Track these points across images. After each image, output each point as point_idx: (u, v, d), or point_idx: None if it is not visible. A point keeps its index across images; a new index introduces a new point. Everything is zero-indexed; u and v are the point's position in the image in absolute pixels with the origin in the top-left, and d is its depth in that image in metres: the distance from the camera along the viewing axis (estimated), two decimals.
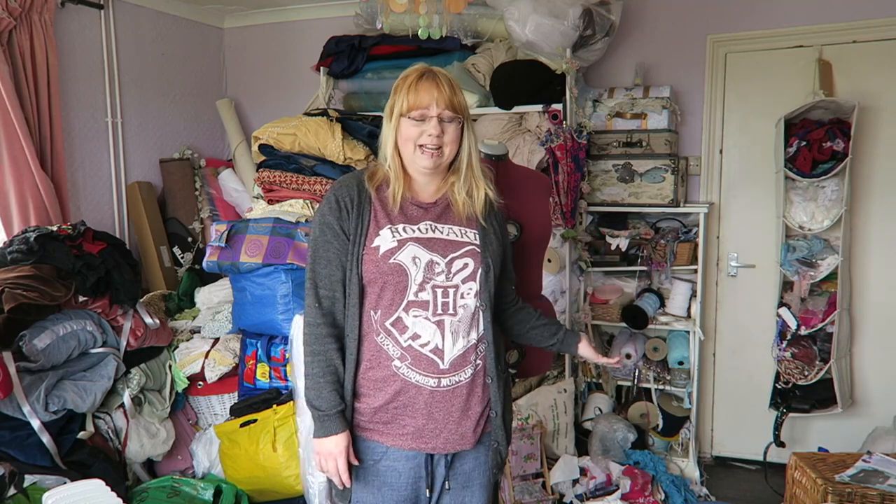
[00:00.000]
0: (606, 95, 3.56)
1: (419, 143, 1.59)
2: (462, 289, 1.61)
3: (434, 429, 1.61)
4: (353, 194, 1.64)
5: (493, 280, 1.65)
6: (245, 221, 3.11)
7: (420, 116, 1.57)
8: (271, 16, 4.27)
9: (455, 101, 1.59)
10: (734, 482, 3.57)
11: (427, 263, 1.59)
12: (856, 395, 3.54)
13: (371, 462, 1.65)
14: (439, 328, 1.59)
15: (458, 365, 1.61)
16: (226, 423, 2.96)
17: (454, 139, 1.61)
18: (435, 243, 1.61)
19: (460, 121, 1.61)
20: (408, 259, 1.58)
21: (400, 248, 1.59)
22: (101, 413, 2.86)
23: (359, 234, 1.61)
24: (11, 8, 2.95)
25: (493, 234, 1.69)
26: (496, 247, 1.68)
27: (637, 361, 3.60)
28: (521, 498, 3.09)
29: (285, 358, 2.99)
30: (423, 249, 1.59)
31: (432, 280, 1.59)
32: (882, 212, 3.43)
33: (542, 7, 3.21)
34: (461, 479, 1.71)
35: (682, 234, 3.55)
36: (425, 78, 1.59)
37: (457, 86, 1.62)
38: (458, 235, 1.65)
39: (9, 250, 2.71)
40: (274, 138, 3.26)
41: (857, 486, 2.34)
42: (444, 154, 1.60)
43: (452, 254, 1.62)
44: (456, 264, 1.61)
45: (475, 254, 1.63)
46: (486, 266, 1.63)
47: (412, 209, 1.64)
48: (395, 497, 1.65)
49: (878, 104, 3.36)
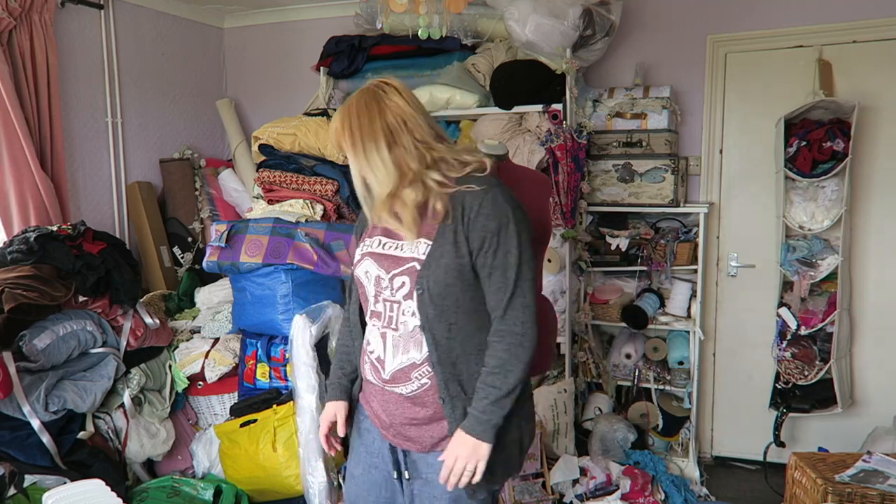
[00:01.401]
0: (606, 95, 3.56)
1: None
2: (403, 306, 1.57)
3: (386, 420, 1.67)
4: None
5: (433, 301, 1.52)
6: (245, 221, 3.11)
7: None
8: (271, 16, 4.27)
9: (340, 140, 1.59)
10: (734, 482, 3.57)
11: (375, 278, 1.61)
12: (856, 395, 3.54)
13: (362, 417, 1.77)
14: (383, 340, 1.62)
15: (399, 379, 1.61)
16: (226, 423, 2.96)
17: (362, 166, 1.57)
18: (383, 259, 1.60)
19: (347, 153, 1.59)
20: (362, 272, 1.64)
21: (360, 262, 1.66)
22: (101, 413, 2.86)
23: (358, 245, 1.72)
24: (11, 8, 2.95)
25: (451, 246, 1.51)
26: (447, 263, 1.51)
27: (637, 361, 3.60)
28: (521, 498, 3.09)
29: (285, 358, 2.99)
30: (373, 264, 1.62)
31: (382, 294, 1.61)
32: (882, 212, 3.43)
33: (542, 7, 3.21)
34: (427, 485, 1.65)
35: (682, 234, 3.55)
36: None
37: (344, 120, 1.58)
38: (405, 251, 1.57)
39: (9, 250, 2.71)
40: (274, 138, 3.26)
41: (857, 486, 2.34)
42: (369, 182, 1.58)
43: (394, 270, 1.58)
44: (396, 281, 1.58)
45: (413, 272, 1.54)
46: (419, 288, 1.53)
47: (394, 223, 1.60)
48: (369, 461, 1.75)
49: (878, 104, 3.36)
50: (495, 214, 1.51)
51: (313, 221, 3.09)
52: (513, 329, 1.53)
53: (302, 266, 2.93)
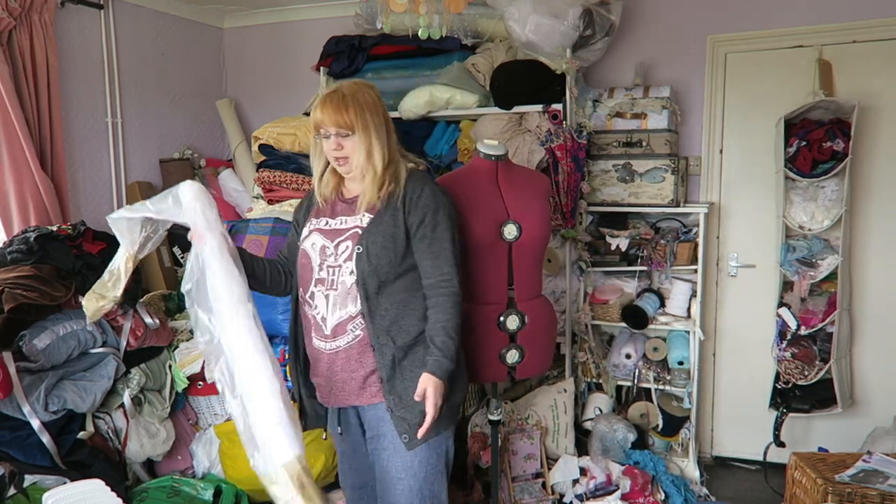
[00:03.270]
0: (606, 95, 3.56)
1: (331, 156, 1.93)
2: (344, 267, 1.90)
3: (326, 385, 1.97)
4: (309, 196, 2.10)
5: (370, 259, 1.86)
6: (245, 221, 3.11)
7: (325, 134, 1.91)
8: (271, 16, 4.27)
9: (342, 120, 1.86)
10: (734, 482, 3.57)
11: (321, 248, 1.94)
12: (856, 395, 3.54)
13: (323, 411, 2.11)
14: (326, 300, 1.91)
15: (338, 332, 1.91)
16: (226, 423, 2.96)
17: (353, 150, 1.89)
18: (331, 232, 1.95)
19: (351, 134, 1.88)
20: (308, 245, 1.97)
21: (307, 237, 1.98)
22: (101, 413, 2.85)
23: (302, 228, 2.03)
24: (11, 8, 2.95)
25: (391, 217, 1.89)
26: (387, 229, 1.88)
27: (637, 361, 3.60)
28: (521, 498, 3.09)
29: (285, 358, 2.99)
30: (321, 237, 1.95)
31: (326, 261, 1.92)
32: (882, 212, 3.43)
33: (542, 7, 3.21)
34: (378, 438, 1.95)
35: (682, 234, 3.55)
36: (327, 100, 1.91)
37: (348, 102, 1.88)
38: (353, 222, 1.93)
39: (9, 250, 2.71)
40: (274, 138, 3.26)
41: (857, 486, 2.34)
42: (351, 162, 1.91)
43: (338, 238, 1.93)
44: (340, 247, 1.92)
45: (356, 236, 1.90)
46: (359, 246, 1.88)
47: (339, 205, 2.00)
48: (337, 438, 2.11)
49: (878, 104, 3.36)
50: (433, 199, 1.92)
51: None
52: (451, 286, 1.90)
53: None
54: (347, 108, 1.87)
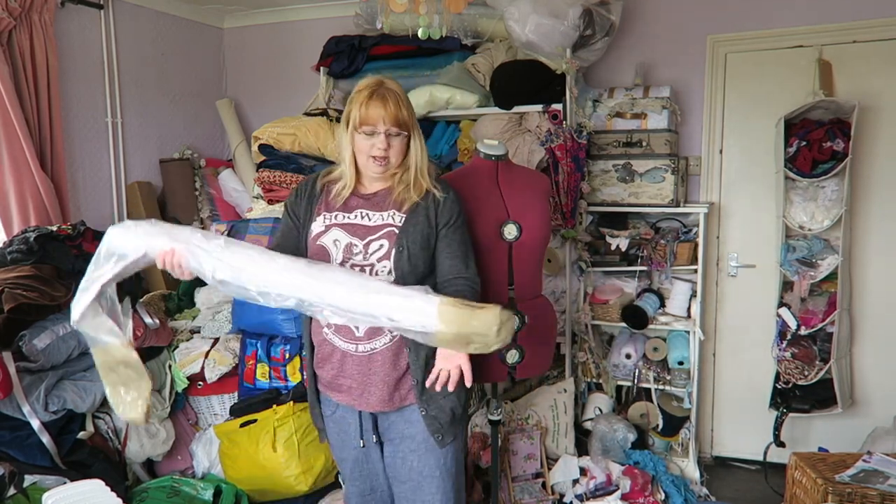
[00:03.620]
0: (606, 95, 3.56)
1: (370, 155, 1.84)
2: (377, 267, 1.84)
3: (357, 389, 1.89)
4: (309, 187, 1.97)
5: (411, 259, 1.83)
6: (245, 221, 3.12)
7: (370, 132, 1.81)
8: (271, 16, 4.27)
9: (400, 117, 1.81)
10: (734, 482, 3.57)
11: (346, 245, 1.86)
12: (856, 395, 3.54)
13: (329, 412, 2.02)
14: None
15: (372, 334, 1.85)
16: (226, 423, 2.96)
17: (400, 151, 1.86)
18: (357, 228, 1.87)
19: (406, 135, 1.85)
20: (329, 241, 1.87)
21: (325, 232, 1.88)
22: (101, 413, 2.86)
23: (306, 220, 1.93)
24: (11, 8, 2.95)
25: (424, 217, 1.88)
26: (423, 228, 1.86)
27: (637, 361, 3.60)
28: (521, 498, 3.09)
29: (285, 358, 2.99)
30: (343, 233, 1.87)
31: (351, 259, 1.85)
32: (882, 212, 3.43)
33: (542, 7, 3.21)
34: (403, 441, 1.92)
35: (682, 234, 3.55)
36: (375, 96, 1.81)
37: (403, 101, 1.83)
38: (383, 220, 1.87)
39: (9, 250, 2.71)
40: (274, 138, 3.26)
41: (857, 486, 2.34)
42: (390, 162, 1.85)
43: (371, 236, 1.86)
44: (373, 246, 1.85)
45: (392, 235, 1.85)
46: (399, 246, 1.83)
47: (354, 200, 1.91)
48: (349, 444, 2.00)
49: (878, 104, 3.36)
50: (457, 202, 1.95)
51: None
52: (474, 280, 1.93)
53: None
54: (402, 105, 1.82)
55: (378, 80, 1.86)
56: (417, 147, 1.88)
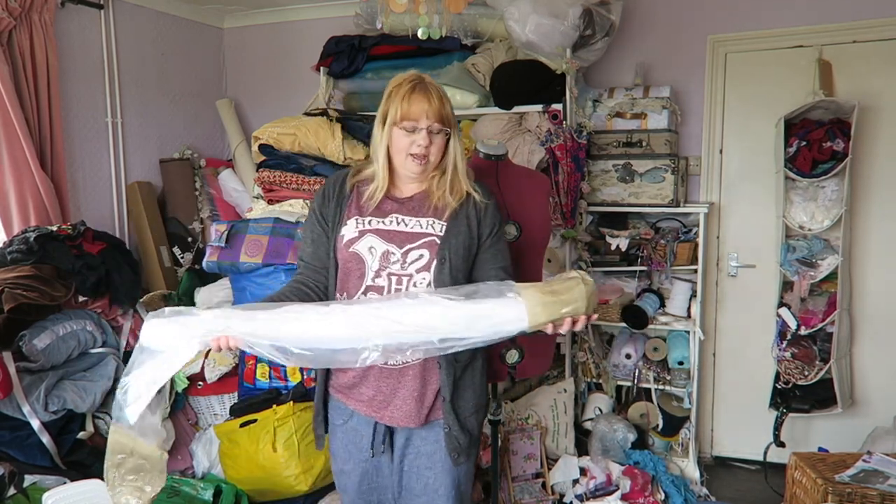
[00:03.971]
0: (606, 95, 3.56)
1: (410, 153, 1.71)
2: (416, 278, 1.71)
3: (383, 401, 1.75)
4: (338, 187, 1.81)
5: (452, 272, 1.71)
6: (245, 221, 3.11)
7: (411, 128, 1.69)
8: (271, 16, 4.27)
9: (444, 113, 1.71)
10: (734, 482, 3.57)
11: (383, 253, 1.71)
12: (856, 395, 3.54)
13: (341, 421, 1.84)
14: None
15: None
16: (226, 423, 2.96)
17: (440, 149, 1.74)
18: (394, 235, 1.73)
19: (448, 132, 1.73)
20: (364, 249, 1.72)
21: (359, 238, 1.73)
22: (101, 413, 2.86)
23: (335, 223, 1.78)
24: (11, 8, 2.95)
25: (466, 226, 1.76)
26: (464, 239, 1.74)
27: (637, 361, 3.60)
28: (521, 498, 3.09)
29: None
30: (380, 240, 1.73)
31: (388, 268, 1.71)
32: (882, 212, 3.43)
33: (542, 7, 3.21)
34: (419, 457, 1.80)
35: (682, 234, 3.55)
36: (418, 90, 1.70)
37: (446, 97, 1.73)
38: (423, 227, 1.74)
39: (9, 250, 2.71)
40: (274, 138, 3.26)
41: (857, 486, 2.34)
42: (430, 161, 1.73)
43: (409, 245, 1.72)
44: (412, 255, 1.71)
45: (433, 245, 1.71)
46: (441, 258, 1.71)
47: (387, 203, 1.78)
48: (359, 456, 1.84)
49: (878, 104, 3.36)
50: (497, 209, 1.83)
51: None
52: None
53: None
54: (445, 101, 1.72)
55: (417, 74, 1.75)
56: (457, 146, 1.76)
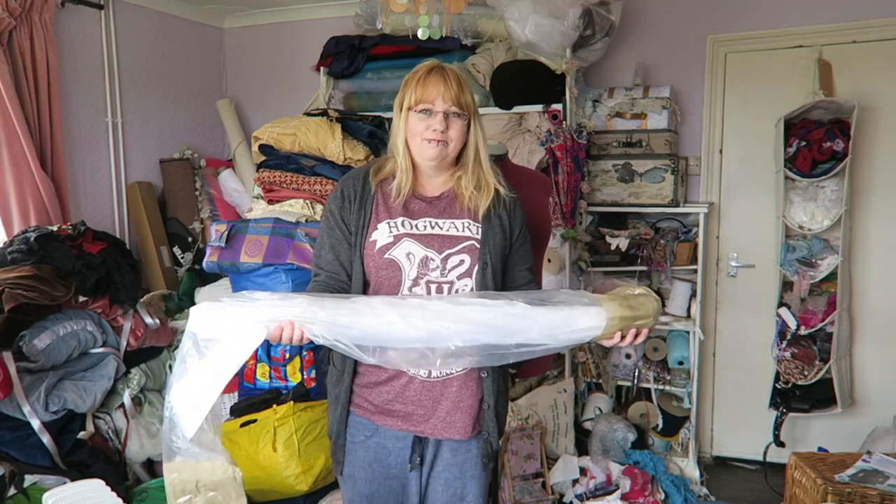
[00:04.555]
0: (606, 95, 3.56)
1: (425, 137, 1.60)
2: (457, 285, 1.61)
3: (423, 415, 1.64)
4: (358, 187, 1.67)
5: (493, 275, 1.63)
6: (245, 221, 3.11)
7: (427, 111, 1.60)
8: (271, 16, 4.27)
9: (462, 98, 1.61)
10: (734, 482, 3.57)
11: (421, 259, 1.60)
12: (856, 395, 3.54)
13: (362, 438, 1.69)
14: None
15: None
16: (226, 423, 2.96)
17: (460, 135, 1.63)
18: (432, 239, 1.62)
19: (466, 117, 1.63)
20: (402, 255, 1.60)
21: (395, 244, 1.61)
22: (101, 413, 2.86)
23: (360, 227, 1.64)
24: (11, 8, 2.95)
25: (500, 227, 1.67)
26: (500, 241, 1.66)
27: (637, 361, 3.60)
28: (521, 498, 3.09)
29: (285, 358, 2.99)
30: (418, 245, 1.61)
31: (427, 276, 1.60)
32: (882, 212, 3.43)
33: (542, 7, 3.21)
34: (450, 468, 1.71)
35: (682, 234, 3.55)
36: (434, 73, 1.63)
37: (465, 83, 1.64)
38: (459, 230, 1.64)
39: (9, 250, 2.71)
40: (274, 138, 3.26)
41: (857, 486, 2.34)
42: (448, 147, 1.62)
43: (449, 250, 1.62)
44: (452, 260, 1.61)
45: (473, 250, 1.62)
46: (483, 262, 1.62)
47: (415, 203, 1.67)
48: (385, 474, 1.70)
49: (878, 104, 3.36)
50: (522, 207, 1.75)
51: (313, 221, 3.09)
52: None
53: (302, 266, 2.92)
54: (464, 85, 1.63)
55: (436, 61, 1.68)
56: (479, 135, 1.66)
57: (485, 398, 1.68)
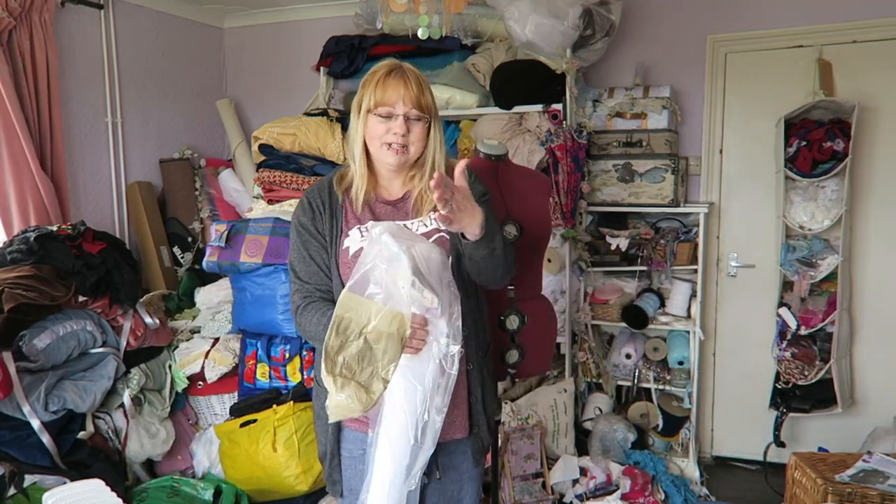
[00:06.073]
0: (606, 95, 3.56)
1: (385, 141, 1.59)
2: None
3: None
4: (325, 196, 1.67)
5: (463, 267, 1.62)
6: (245, 221, 3.12)
7: (386, 114, 1.58)
8: (271, 16, 4.27)
9: (422, 100, 1.59)
10: (734, 482, 3.57)
11: None
12: (856, 395, 3.54)
13: (360, 452, 1.66)
14: None
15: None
16: (226, 423, 2.96)
17: (420, 138, 1.61)
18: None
19: (427, 120, 1.62)
20: None
21: None
22: (101, 413, 2.86)
23: (333, 237, 1.64)
24: (11, 8, 2.95)
25: None
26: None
27: (637, 361, 3.60)
28: (521, 498, 3.09)
29: (285, 358, 2.99)
30: None
31: None
32: (882, 212, 3.43)
33: (542, 7, 3.21)
34: (445, 471, 1.71)
35: (682, 234, 3.55)
36: (393, 75, 1.60)
37: (425, 84, 1.63)
38: (427, 226, 1.63)
39: (9, 250, 2.71)
40: (274, 138, 3.26)
41: (857, 486, 2.34)
42: (409, 152, 1.61)
43: None
44: None
45: (444, 241, 1.61)
46: (456, 252, 1.60)
47: (380, 207, 1.67)
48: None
49: (878, 104, 3.36)
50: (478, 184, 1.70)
51: None
52: None
53: None
54: (424, 87, 1.61)
55: (394, 60, 1.65)
56: (437, 138, 1.64)
57: (472, 392, 1.69)
